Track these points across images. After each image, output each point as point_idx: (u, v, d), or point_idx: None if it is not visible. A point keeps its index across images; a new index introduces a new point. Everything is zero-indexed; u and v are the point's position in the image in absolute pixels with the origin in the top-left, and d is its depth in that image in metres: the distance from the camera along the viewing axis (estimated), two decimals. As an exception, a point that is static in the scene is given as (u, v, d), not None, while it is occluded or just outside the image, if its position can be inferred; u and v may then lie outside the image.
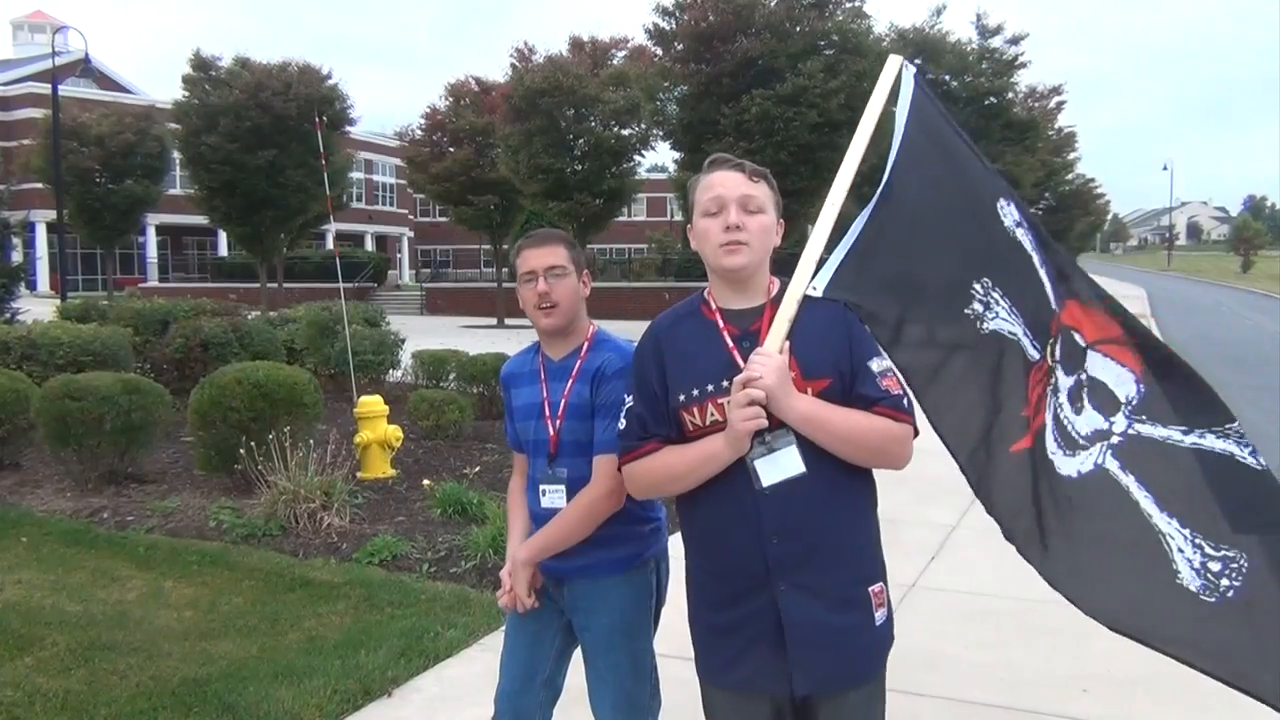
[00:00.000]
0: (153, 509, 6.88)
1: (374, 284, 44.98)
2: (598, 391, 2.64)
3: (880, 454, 2.17)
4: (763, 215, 2.22)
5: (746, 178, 2.23)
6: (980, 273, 2.26)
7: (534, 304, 2.68)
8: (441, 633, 4.72)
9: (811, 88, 17.61)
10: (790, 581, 2.14)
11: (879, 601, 2.21)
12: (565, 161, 25.20)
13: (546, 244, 2.71)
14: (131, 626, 4.80)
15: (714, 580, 2.24)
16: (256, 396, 7.14)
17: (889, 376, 2.16)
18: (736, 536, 2.17)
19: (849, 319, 2.18)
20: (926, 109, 2.37)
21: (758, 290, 2.25)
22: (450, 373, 11.72)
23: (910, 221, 2.28)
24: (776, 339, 2.11)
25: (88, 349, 9.94)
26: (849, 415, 2.13)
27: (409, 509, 6.99)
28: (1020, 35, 25.75)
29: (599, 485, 2.59)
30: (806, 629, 2.13)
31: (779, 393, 2.06)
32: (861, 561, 2.21)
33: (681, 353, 2.25)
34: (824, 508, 2.14)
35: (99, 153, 32.19)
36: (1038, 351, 2.28)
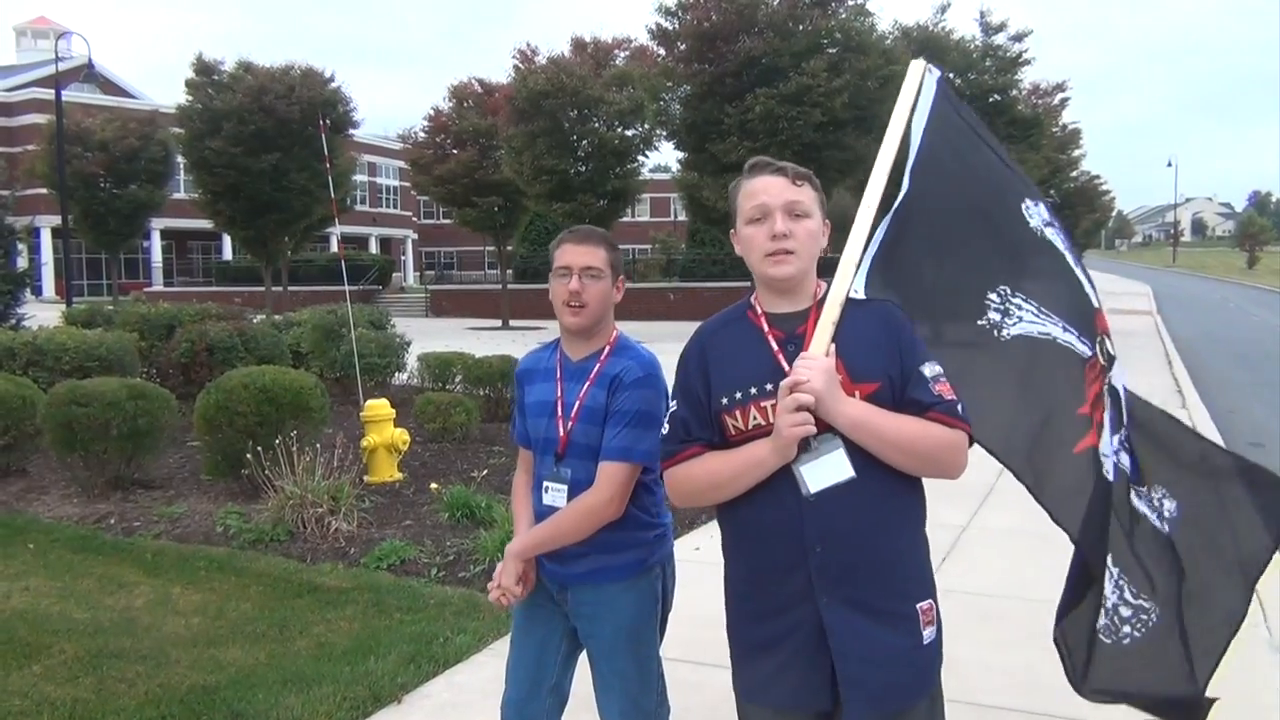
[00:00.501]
0: (159, 514, 6.85)
1: (379, 287, 45.00)
2: (613, 398, 2.60)
3: (933, 462, 2.08)
4: (809, 220, 2.17)
5: (790, 182, 2.16)
6: (997, 280, 2.22)
7: (563, 300, 2.64)
8: (451, 638, 4.68)
9: (815, 86, 17.57)
10: (834, 594, 2.06)
11: (927, 619, 2.12)
12: (569, 162, 25.17)
13: (587, 242, 2.66)
14: (139, 634, 4.77)
15: (755, 591, 2.17)
16: (263, 401, 7.12)
17: (943, 381, 2.09)
18: (779, 545, 2.10)
19: (898, 323, 2.14)
20: (947, 114, 2.35)
21: (804, 294, 2.20)
22: (456, 375, 11.69)
23: (924, 228, 2.27)
24: (821, 342, 2.07)
25: (93, 354, 9.94)
26: (901, 420, 2.06)
27: (416, 513, 6.96)
28: (1024, 32, 25.67)
29: (601, 491, 2.56)
30: (852, 644, 2.06)
31: (827, 397, 2.00)
32: (909, 576, 2.13)
33: (725, 356, 2.20)
34: (870, 518, 2.07)
35: (103, 158, 32.20)
36: (1088, 348, 2.24)
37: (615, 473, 2.56)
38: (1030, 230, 2.31)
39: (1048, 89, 29.02)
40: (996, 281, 2.22)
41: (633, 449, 2.56)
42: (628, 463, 2.56)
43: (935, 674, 2.16)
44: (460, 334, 27.09)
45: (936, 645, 2.15)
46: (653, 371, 2.66)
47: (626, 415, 2.57)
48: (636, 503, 2.65)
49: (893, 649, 2.07)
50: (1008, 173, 2.39)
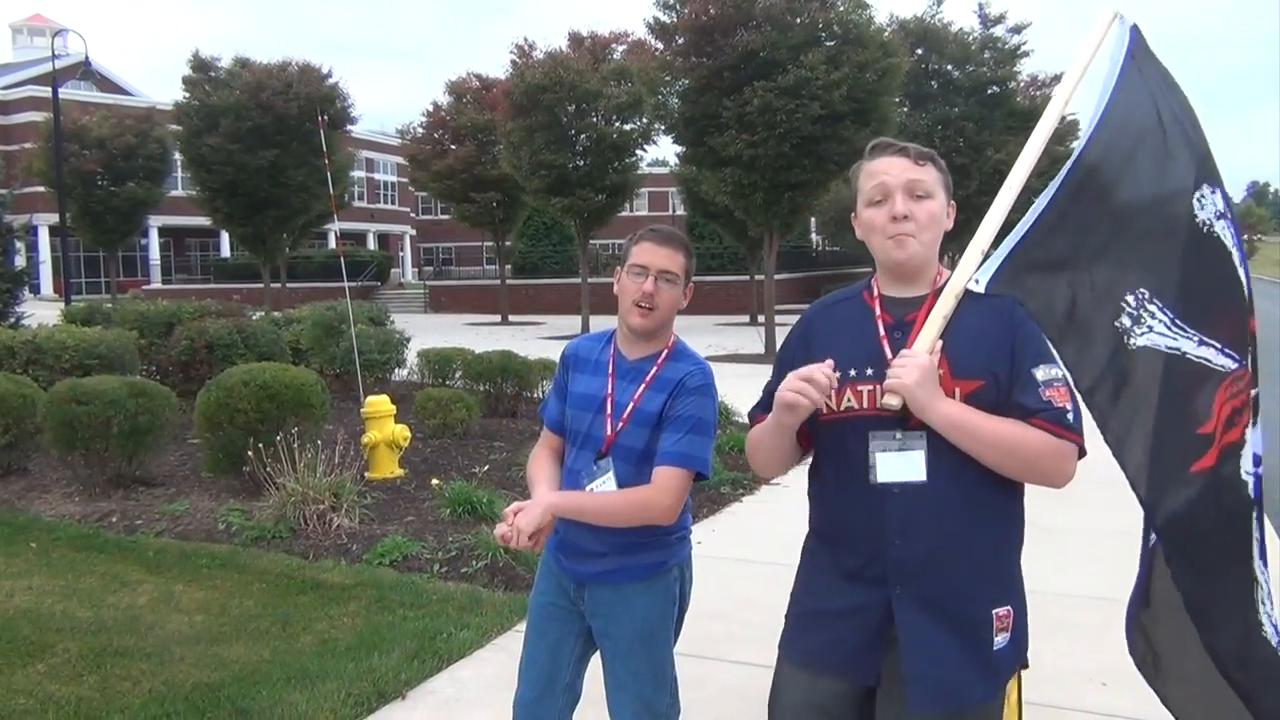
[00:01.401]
0: (161, 512, 6.85)
1: (377, 283, 44.97)
2: (674, 402, 2.56)
3: (1033, 469, 2.03)
4: (931, 201, 2.11)
5: (912, 162, 2.11)
6: (1139, 281, 2.06)
7: (634, 299, 2.58)
8: (454, 634, 4.69)
9: (813, 79, 17.50)
10: (907, 588, 2.06)
11: (1001, 625, 2.09)
12: (567, 157, 25.12)
13: (669, 245, 2.62)
14: (143, 631, 4.78)
15: (830, 573, 2.17)
16: (263, 398, 7.11)
17: (1057, 387, 2.01)
18: (860, 533, 2.10)
19: (1018, 319, 2.05)
20: (1134, 81, 2.15)
21: (924, 280, 2.15)
22: (456, 371, 11.71)
23: (1092, 210, 2.09)
24: (927, 338, 2.03)
25: (93, 352, 9.93)
26: (1000, 424, 2.01)
27: (418, 509, 6.96)
28: (1023, 24, 25.68)
29: (664, 494, 2.52)
30: (918, 641, 2.05)
31: (920, 395, 1.98)
32: (988, 580, 2.09)
33: (831, 333, 2.19)
34: (955, 517, 2.05)
35: (100, 155, 32.11)
36: (1235, 360, 2.09)
37: (676, 477, 2.52)
38: (1196, 225, 2.11)
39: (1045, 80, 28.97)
40: (1138, 282, 2.06)
41: (693, 455, 2.53)
42: (687, 469, 2.53)
43: (1002, 681, 2.12)
44: (459, 329, 27.10)
45: (1009, 652, 2.11)
46: (711, 380, 2.64)
47: (688, 421, 2.54)
48: None
49: (957, 651, 2.05)
50: (1185, 154, 2.16)
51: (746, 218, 20.55)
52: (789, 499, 7.58)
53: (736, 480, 7.93)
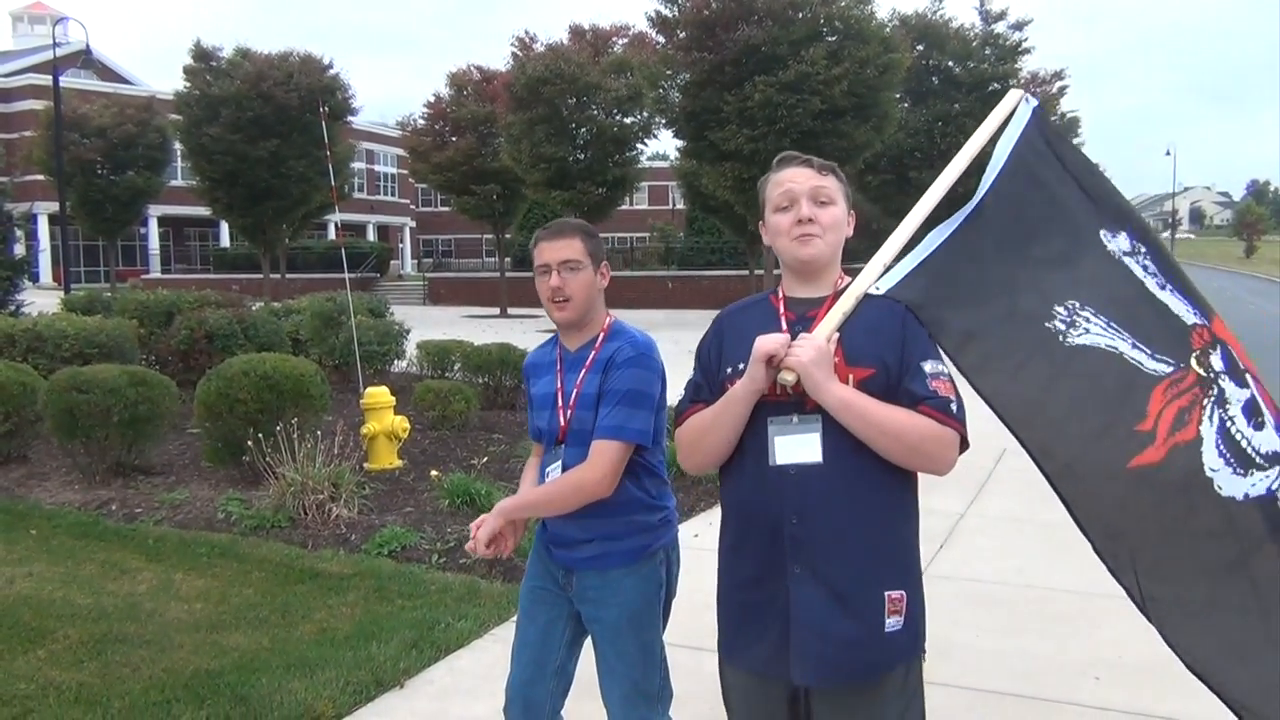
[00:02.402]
0: (161, 501, 6.88)
1: (377, 274, 44.95)
2: (606, 377, 2.65)
3: (918, 453, 2.13)
4: (833, 207, 2.26)
5: (816, 171, 2.27)
6: (1066, 296, 2.23)
7: (547, 297, 2.69)
8: (452, 624, 4.72)
9: (814, 74, 17.51)
10: (804, 565, 2.15)
11: (895, 608, 2.17)
12: (568, 150, 25.13)
13: (561, 236, 2.70)
14: (143, 619, 4.81)
15: (738, 558, 2.27)
16: (264, 388, 7.13)
17: (941, 380, 2.14)
18: (760, 514, 2.20)
19: (907, 316, 2.19)
20: (1037, 144, 2.39)
21: (825, 283, 2.29)
22: (455, 363, 11.73)
23: (995, 244, 2.30)
24: (827, 327, 2.15)
25: (93, 341, 9.95)
26: (888, 408, 2.12)
27: (417, 500, 6.99)
28: (1024, 20, 25.66)
29: (594, 468, 2.60)
30: (807, 615, 2.15)
31: (816, 374, 2.08)
32: (880, 563, 2.18)
33: (739, 331, 2.30)
34: (848, 498, 2.14)
35: (100, 144, 32.07)
36: (1169, 365, 2.19)
37: (606, 450, 2.59)
38: (1107, 254, 2.32)
39: (1046, 77, 28.99)
40: (1066, 297, 2.23)
41: (624, 427, 2.59)
42: (619, 440, 2.59)
43: (892, 662, 2.20)
44: (458, 322, 27.11)
45: (901, 637, 2.18)
46: (646, 352, 2.69)
47: (618, 394, 2.61)
48: (639, 485, 2.69)
49: (845, 630, 2.14)
50: (1088, 204, 2.39)
51: (746, 212, 20.56)
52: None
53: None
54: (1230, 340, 2.31)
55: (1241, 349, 2.34)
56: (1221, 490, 2.14)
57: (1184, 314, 2.27)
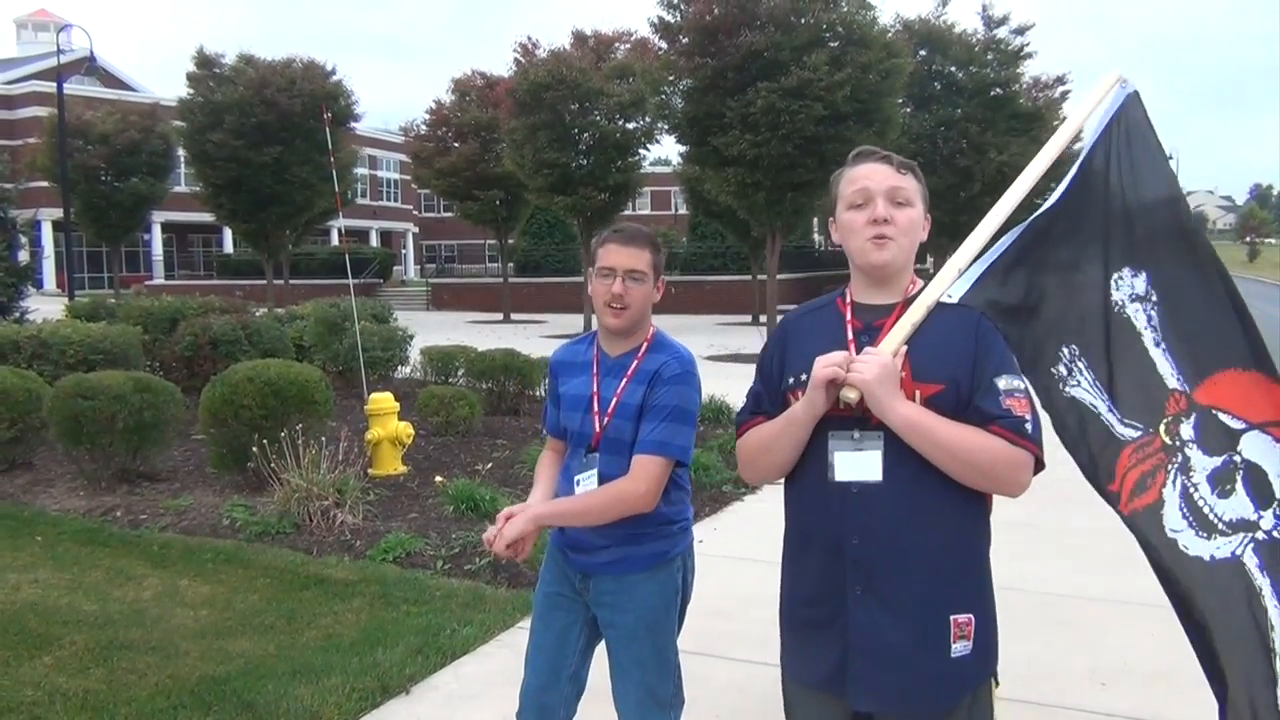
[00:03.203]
0: (166, 507, 6.89)
1: (380, 280, 44.99)
2: (651, 392, 2.62)
3: (989, 476, 2.04)
4: (910, 209, 2.14)
5: (894, 169, 2.15)
6: (1070, 339, 2.17)
7: (605, 301, 2.65)
8: (458, 630, 4.72)
9: (817, 80, 17.52)
10: (866, 586, 2.07)
11: (960, 633, 2.08)
12: (570, 155, 25.13)
13: (633, 244, 2.66)
14: (149, 625, 4.81)
15: (800, 574, 2.21)
16: (268, 394, 7.15)
17: (1017, 397, 2.03)
18: (822, 533, 2.13)
19: (983, 330, 2.08)
20: (1117, 139, 2.25)
21: (896, 288, 2.18)
22: (459, 369, 11.74)
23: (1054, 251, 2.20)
24: (894, 341, 2.06)
25: (98, 348, 9.96)
26: (958, 428, 2.02)
27: (421, 506, 6.99)
28: (1026, 25, 25.66)
29: (638, 482, 2.58)
30: (868, 638, 2.06)
31: (879, 392, 1.99)
32: (946, 586, 2.08)
33: (802, 338, 2.22)
34: (911, 518, 2.05)
35: (104, 151, 32.12)
36: (1136, 430, 2.14)
37: (652, 466, 2.58)
38: (1111, 302, 2.21)
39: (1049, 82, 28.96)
40: (1071, 339, 2.17)
41: (669, 443, 2.59)
42: (664, 456, 2.59)
43: (960, 690, 2.11)
44: (462, 327, 27.12)
45: (971, 662, 2.10)
46: (690, 369, 2.68)
47: (664, 410, 2.60)
48: (664, 497, 2.68)
49: (907, 654, 2.05)
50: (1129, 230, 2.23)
51: (749, 217, 20.60)
52: (790, 498, 7.62)
53: (738, 479, 7.96)
54: (1223, 402, 2.18)
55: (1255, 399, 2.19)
56: (1188, 550, 2.13)
57: (1168, 376, 2.19)
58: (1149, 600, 5.21)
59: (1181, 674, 4.41)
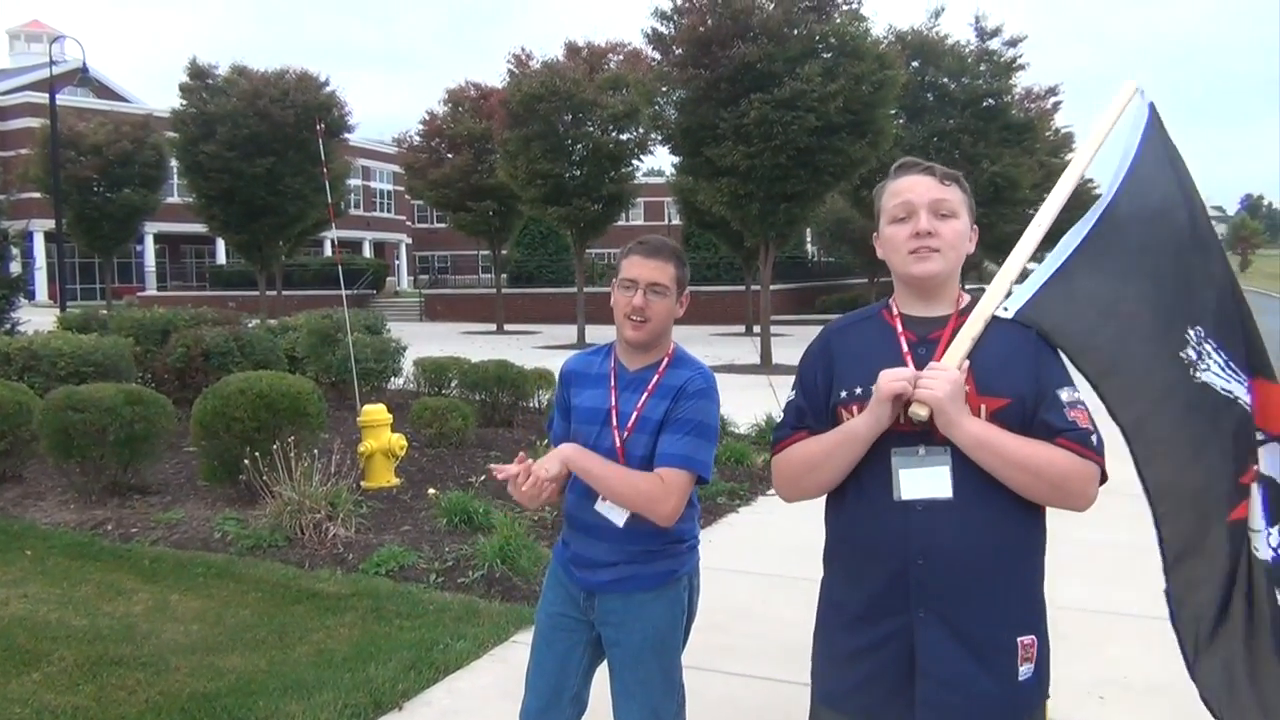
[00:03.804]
0: (157, 520, 6.84)
1: (373, 291, 44.94)
2: (675, 405, 2.58)
3: (1059, 490, 1.99)
4: (955, 220, 2.10)
5: (937, 181, 2.10)
6: (1195, 319, 2.09)
7: (625, 313, 2.60)
8: (451, 644, 4.68)
9: (810, 91, 17.53)
10: (931, 610, 2.01)
11: (1026, 655, 2.03)
12: (564, 166, 25.12)
13: (657, 257, 2.62)
14: (139, 640, 4.76)
15: (847, 596, 2.13)
16: (260, 407, 7.10)
17: (1079, 409, 2.00)
18: (882, 553, 2.04)
19: (1040, 342, 2.05)
20: (1157, 141, 2.23)
21: (945, 300, 2.14)
22: (452, 380, 11.70)
23: (1134, 252, 2.13)
24: (956, 354, 2.01)
25: (89, 360, 9.91)
26: (1027, 443, 1.98)
27: (414, 518, 6.95)
28: (1019, 37, 25.78)
29: (664, 492, 2.51)
30: (937, 666, 2.00)
31: (950, 410, 1.95)
32: (1015, 606, 2.04)
33: (852, 352, 2.16)
34: (981, 538, 2.00)
35: (96, 162, 32.10)
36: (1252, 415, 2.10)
37: (678, 479, 2.53)
38: (1227, 278, 2.18)
39: (1040, 93, 29.12)
40: (1195, 320, 2.08)
41: (694, 458, 2.55)
42: (689, 470, 2.54)
43: (1023, 714, 2.07)
44: (455, 338, 27.08)
45: (1034, 685, 2.06)
46: (713, 385, 2.65)
47: (689, 424, 2.56)
48: None
49: (978, 680, 2.00)
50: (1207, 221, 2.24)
51: (743, 228, 20.59)
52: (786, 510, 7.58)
53: (733, 491, 7.93)
54: None
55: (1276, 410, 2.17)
56: (1257, 553, 2.10)
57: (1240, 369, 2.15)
58: (1148, 613, 5.21)
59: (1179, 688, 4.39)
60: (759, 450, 9.21)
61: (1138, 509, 2.13)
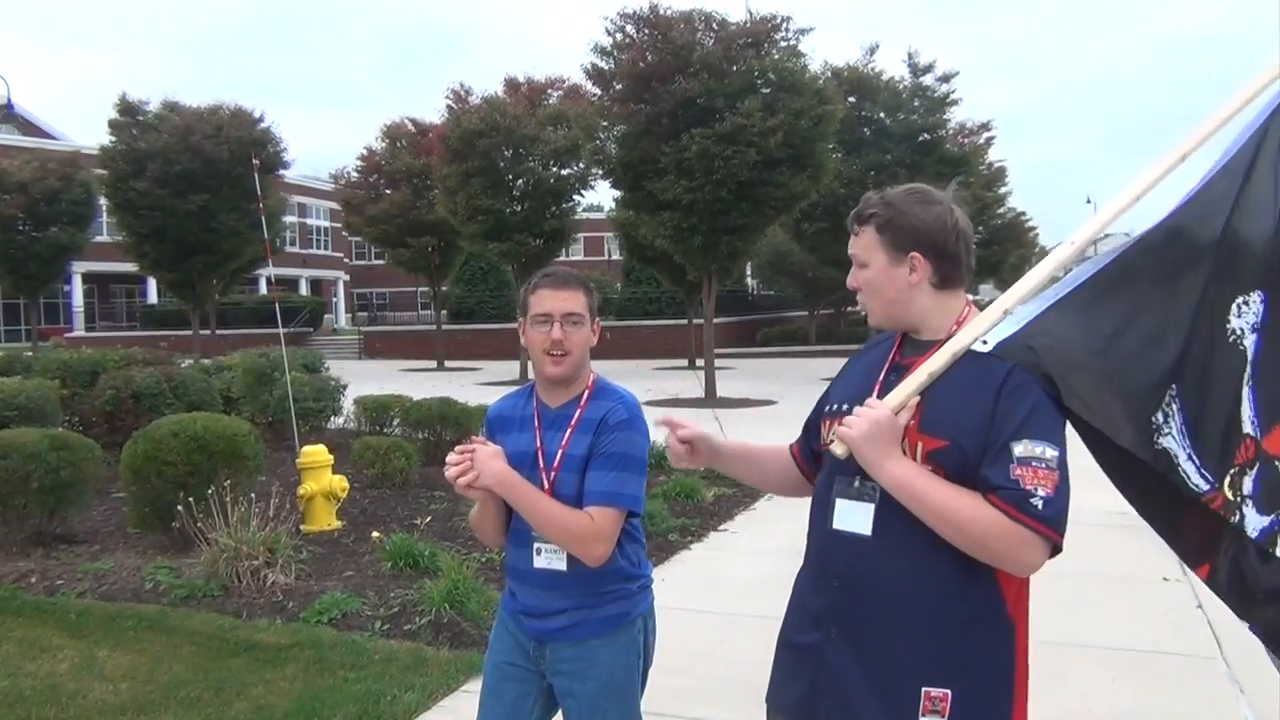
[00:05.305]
0: (84, 571, 6.52)
1: (310, 329, 44.29)
2: (598, 439, 2.48)
3: (984, 550, 1.86)
4: (864, 270, 2.11)
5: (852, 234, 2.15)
6: (1175, 376, 1.93)
7: (543, 349, 2.51)
8: (399, 696, 4.48)
9: (750, 126, 17.70)
10: (841, 631, 2.01)
11: (934, 709, 1.91)
12: (504, 202, 25.03)
13: (566, 287, 2.54)
14: (64, 702, 4.48)
15: (793, 603, 2.19)
16: (194, 449, 6.84)
17: (1033, 467, 1.82)
18: (813, 568, 2.13)
19: (1010, 386, 1.88)
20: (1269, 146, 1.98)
21: (940, 326, 2.07)
22: (394, 418, 11.47)
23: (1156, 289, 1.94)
24: (902, 393, 1.96)
25: (11, 403, 9.50)
26: (953, 495, 1.87)
27: (357, 563, 6.72)
28: (951, 73, 26.26)
29: (594, 533, 2.41)
30: (836, 681, 1.99)
31: (865, 450, 1.93)
32: (925, 655, 1.93)
33: (852, 370, 2.24)
34: (893, 579, 1.95)
35: (22, 199, 31.30)
36: (1207, 483, 1.93)
37: (605, 518, 2.43)
38: (1226, 332, 1.96)
39: (974, 128, 29.68)
40: (1175, 377, 1.93)
41: (620, 493, 2.45)
42: (615, 507, 2.44)
43: None
44: (395, 376, 26.70)
45: None
46: (637, 414, 2.55)
47: (612, 458, 2.46)
48: (621, 553, 2.53)
49: (869, 711, 1.95)
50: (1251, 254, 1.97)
51: (686, 261, 20.65)
52: (740, 545, 7.49)
53: (685, 527, 7.81)
54: None
55: None
56: None
57: (1245, 420, 1.96)
58: (1110, 644, 5.19)
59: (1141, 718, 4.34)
60: (709, 485, 9.11)
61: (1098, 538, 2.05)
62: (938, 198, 2.11)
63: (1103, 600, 5.93)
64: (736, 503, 8.81)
